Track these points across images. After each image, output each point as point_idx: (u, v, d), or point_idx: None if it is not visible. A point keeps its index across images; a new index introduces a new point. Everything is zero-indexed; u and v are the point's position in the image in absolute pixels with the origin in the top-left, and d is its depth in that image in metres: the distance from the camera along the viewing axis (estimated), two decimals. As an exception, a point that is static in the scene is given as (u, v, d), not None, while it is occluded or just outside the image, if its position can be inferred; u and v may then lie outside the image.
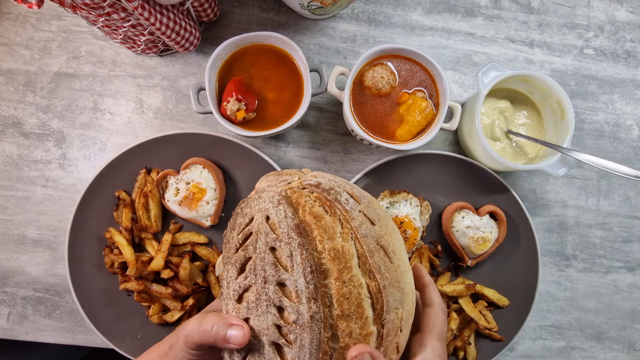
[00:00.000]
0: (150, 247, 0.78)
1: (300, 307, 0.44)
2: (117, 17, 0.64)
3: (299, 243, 0.45)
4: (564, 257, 0.86)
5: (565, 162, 0.74)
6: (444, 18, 0.88)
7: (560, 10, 0.89)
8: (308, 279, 0.44)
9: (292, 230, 0.46)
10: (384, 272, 0.47)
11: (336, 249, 0.46)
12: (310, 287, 0.44)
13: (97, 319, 0.77)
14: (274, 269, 0.45)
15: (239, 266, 0.48)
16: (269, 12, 0.86)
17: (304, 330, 0.43)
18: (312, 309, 0.43)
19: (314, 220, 0.47)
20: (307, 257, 0.45)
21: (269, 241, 0.46)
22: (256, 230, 0.48)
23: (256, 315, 0.45)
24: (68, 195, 0.83)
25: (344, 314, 0.44)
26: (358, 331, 0.44)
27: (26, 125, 0.83)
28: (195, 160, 0.78)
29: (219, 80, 0.75)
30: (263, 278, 0.45)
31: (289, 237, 0.46)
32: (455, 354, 0.79)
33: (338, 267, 0.45)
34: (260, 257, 0.46)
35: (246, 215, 0.50)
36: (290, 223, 0.46)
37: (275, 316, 0.45)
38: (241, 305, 0.47)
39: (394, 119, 0.76)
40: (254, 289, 0.46)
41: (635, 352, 0.86)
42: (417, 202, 0.79)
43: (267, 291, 0.45)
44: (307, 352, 0.43)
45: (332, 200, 0.49)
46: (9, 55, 0.83)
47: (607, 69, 0.89)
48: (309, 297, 0.44)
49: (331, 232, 0.47)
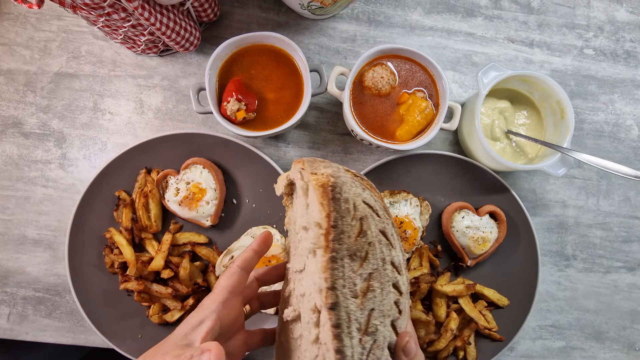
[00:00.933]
0: (151, 247, 0.78)
1: (404, 278, 0.49)
2: (117, 17, 0.64)
3: (392, 223, 0.51)
4: (563, 257, 0.87)
5: (565, 162, 0.74)
6: (444, 18, 0.88)
7: (560, 10, 0.89)
8: (402, 251, 0.51)
9: (385, 212, 0.51)
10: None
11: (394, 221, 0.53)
12: (404, 258, 0.51)
13: (97, 319, 0.77)
14: (388, 249, 0.48)
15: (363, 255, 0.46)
16: (269, 12, 0.86)
17: (406, 297, 0.49)
18: (407, 276, 0.50)
19: (381, 201, 0.53)
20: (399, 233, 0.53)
21: (377, 224, 0.49)
22: (364, 215, 0.47)
23: (381, 300, 0.46)
24: (68, 195, 0.83)
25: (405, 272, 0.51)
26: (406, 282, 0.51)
27: (26, 125, 0.83)
28: (195, 160, 0.78)
29: (219, 80, 0.75)
30: (382, 260, 0.47)
31: (386, 218, 0.50)
32: (455, 354, 0.79)
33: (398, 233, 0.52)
34: (377, 240, 0.48)
35: (348, 200, 0.46)
36: (380, 205, 0.51)
37: (394, 293, 0.48)
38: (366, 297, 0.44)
39: (394, 119, 0.76)
40: (377, 275, 0.46)
41: (635, 352, 0.86)
42: (417, 202, 0.80)
43: (387, 272, 0.47)
44: (406, 316, 0.48)
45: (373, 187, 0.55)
46: (9, 55, 0.84)
47: (607, 69, 0.89)
48: (404, 267, 0.50)
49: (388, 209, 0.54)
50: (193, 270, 0.77)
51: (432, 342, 0.76)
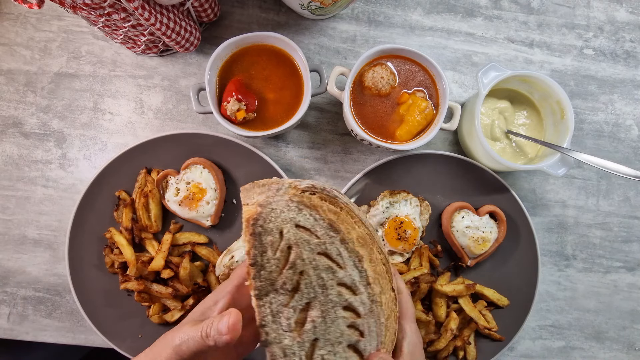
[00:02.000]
0: (151, 247, 0.78)
1: (362, 297, 0.45)
2: (118, 18, 0.65)
3: (340, 239, 0.46)
4: (563, 257, 0.87)
5: (565, 162, 0.74)
6: (443, 18, 0.88)
7: (560, 10, 0.89)
8: (359, 268, 0.46)
9: (329, 230, 0.46)
10: (381, 244, 0.51)
11: (361, 236, 0.48)
12: (363, 275, 0.46)
13: (98, 319, 0.77)
14: (330, 273, 0.45)
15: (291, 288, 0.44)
16: (269, 12, 0.86)
17: (370, 317, 0.45)
18: (370, 293, 0.46)
19: (335, 217, 0.48)
20: (351, 249, 0.47)
21: (314, 247, 0.45)
22: (294, 242, 0.45)
23: (325, 328, 0.44)
24: (68, 195, 0.83)
25: (382, 290, 0.47)
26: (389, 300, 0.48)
27: (26, 126, 0.83)
28: (195, 160, 0.78)
29: (219, 80, 0.75)
30: (322, 286, 0.44)
31: (330, 236, 0.46)
32: (455, 354, 0.79)
33: (367, 251, 0.48)
34: (313, 266, 0.45)
35: (272, 231, 0.46)
36: (322, 224, 0.46)
37: (345, 318, 0.45)
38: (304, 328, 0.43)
39: (394, 119, 0.76)
40: (316, 303, 0.44)
41: (634, 351, 0.86)
42: (417, 202, 0.80)
43: (331, 297, 0.44)
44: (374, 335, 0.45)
45: (332, 197, 0.50)
46: (9, 56, 0.84)
47: (606, 69, 0.89)
48: (365, 284, 0.46)
49: (350, 223, 0.49)
50: (193, 270, 0.77)
51: (432, 342, 0.76)
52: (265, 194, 0.50)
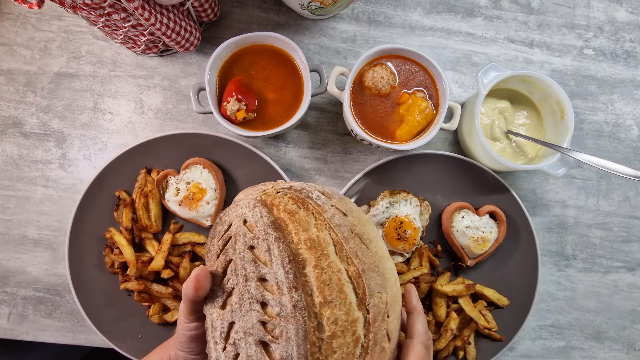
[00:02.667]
0: (151, 247, 0.78)
1: (282, 298, 0.44)
2: (118, 18, 0.65)
3: (275, 237, 0.46)
4: (563, 257, 0.87)
5: (565, 162, 0.74)
6: (443, 18, 0.88)
7: (560, 10, 0.89)
8: (287, 269, 0.44)
9: (268, 227, 0.47)
10: (362, 257, 0.47)
11: (312, 239, 0.46)
12: (289, 277, 0.44)
13: (98, 319, 0.77)
14: (253, 266, 0.46)
15: (221, 271, 0.48)
16: (269, 12, 0.86)
17: (289, 322, 0.43)
18: (294, 297, 0.43)
19: (288, 216, 0.48)
20: (284, 248, 0.45)
21: (247, 240, 0.47)
22: (234, 233, 0.49)
23: (240, 316, 0.45)
24: (68, 195, 0.83)
25: (327, 301, 0.44)
26: (344, 317, 0.44)
27: (26, 126, 0.83)
28: (195, 160, 0.78)
29: (219, 80, 0.75)
30: (244, 277, 0.46)
31: (266, 233, 0.47)
32: (455, 354, 0.79)
33: (315, 256, 0.46)
34: (240, 257, 0.47)
35: (225, 222, 0.51)
36: (266, 221, 0.47)
37: (258, 312, 0.44)
38: (225, 310, 0.46)
39: (394, 119, 0.76)
40: (237, 290, 0.46)
41: (634, 351, 0.86)
42: (417, 202, 0.80)
43: (249, 288, 0.45)
44: (294, 344, 0.42)
45: (304, 198, 0.50)
46: (9, 56, 0.84)
47: (606, 69, 0.89)
48: (289, 287, 0.44)
49: (305, 224, 0.47)
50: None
51: (432, 342, 0.76)
52: (246, 194, 0.54)
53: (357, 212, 0.53)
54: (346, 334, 0.44)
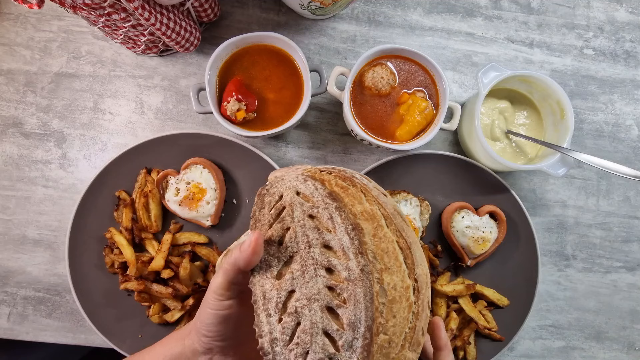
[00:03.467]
0: (151, 247, 0.78)
1: (349, 263, 0.44)
2: (118, 18, 0.65)
3: (336, 207, 0.47)
4: (563, 257, 0.87)
5: (565, 162, 0.74)
6: (443, 18, 0.88)
7: (560, 10, 0.89)
8: (352, 235, 0.45)
9: (326, 198, 0.47)
10: (407, 232, 0.49)
11: (367, 211, 0.48)
12: (355, 243, 0.45)
13: (98, 319, 0.77)
14: (317, 232, 0.46)
15: (277, 240, 0.47)
16: (269, 12, 0.86)
17: (357, 285, 0.44)
18: (360, 262, 0.44)
19: (341, 190, 0.49)
20: (346, 217, 0.46)
21: (306, 209, 0.47)
22: (289, 203, 0.48)
23: (303, 282, 0.45)
24: (68, 195, 0.83)
25: (387, 267, 0.45)
26: (400, 284, 0.46)
27: (27, 126, 0.83)
28: (195, 160, 0.78)
29: (219, 80, 0.75)
30: (307, 243, 0.46)
31: (325, 203, 0.47)
32: (455, 354, 0.79)
33: (373, 226, 0.47)
34: (301, 225, 0.47)
35: (274, 194, 0.50)
36: (322, 192, 0.48)
37: (325, 277, 0.45)
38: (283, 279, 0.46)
39: (394, 119, 0.76)
40: (298, 258, 0.46)
41: (635, 352, 0.86)
42: (417, 202, 0.80)
43: (313, 254, 0.45)
44: (362, 307, 0.43)
45: (350, 177, 0.51)
46: (9, 56, 0.84)
47: (606, 69, 0.89)
48: (355, 252, 0.45)
49: (359, 198, 0.49)
50: (193, 270, 0.77)
51: (432, 342, 0.76)
52: (283, 172, 0.54)
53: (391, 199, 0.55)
54: (402, 299, 0.46)
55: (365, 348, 0.42)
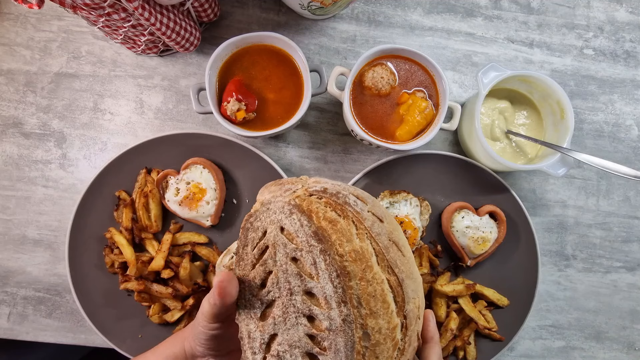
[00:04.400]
0: (151, 247, 0.78)
1: (331, 312, 0.44)
2: (118, 18, 0.65)
3: (320, 249, 0.45)
4: (563, 257, 0.87)
5: (565, 162, 0.74)
6: (443, 18, 0.88)
7: (560, 10, 0.89)
8: (335, 283, 0.44)
9: (311, 238, 0.45)
10: (400, 266, 0.48)
11: (356, 250, 0.46)
12: (338, 291, 0.44)
13: (98, 319, 0.77)
14: (299, 279, 0.45)
15: (259, 282, 0.47)
16: (269, 12, 0.86)
17: (338, 335, 0.43)
18: (343, 312, 0.44)
19: (330, 225, 0.46)
20: (331, 262, 0.44)
21: (289, 252, 0.46)
22: (272, 242, 0.46)
23: (285, 329, 0.45)
24: (68, 195, 0.83)
25: (372, 312, 0.45)
26: (386, 326, 0.45)
27: (27, 126, 0.83)
28: (195, 160, 0.78)
29: (219, 80, 0.75)
30: (288, 290, 0.45)
31: (309, 245, 0.45)
32: (455, 354, 0.79)
33: (360, 267, 0.45)
34: (283, 270, 0.45)
35: (258, 229, 0.48)
36: (307, 231, 0.45)
37: (306, 326, 0.44)
38: (266, 322, 0.46)
39: (394, 119, 0.76)
40: (279, 303, 0.45)
41: (635, 352, 0.86)
42: (417, 202, 0.80)
43: (295, 302, 0.45)
44: (342, 355, 0.43)
45: (342, 204, 0.49)
46: (9, 56, 0.84)
47: (606, 69, 0.89)
48: (338, 301, 0.44)
49: (348, 235, 0.46)
50: (193, 270, 0.77)
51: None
52: (273, 193, 0.51)
53: (389, 216, 0.52)
54: (387, 340, 0.45)
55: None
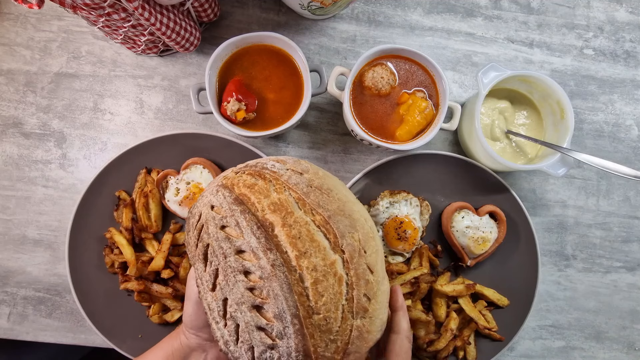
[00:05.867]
0: (151, 247, 0.78)
1: (260, 262, 0.47)
2: (118, 18, 0.65)
3: (240, 210, 0.50)
4: (563, 257, 0.87)
5: (565, 162, 0.74)
6: (443, 18, 0.88)
7: (560, 10, 0.89)
8: (257, 235, 0.48)
9: (232, 204, 0.50)
10: (325, 206, 0.51)
11: (274, 202, 0.50)
12: (261, 241, 0.48)
13: (98, 319, 0.77)
14: (228, 242, 0.49)
15: (202, 257, 0.53)
16: (269, 12, 0.86)
17: (272, 281, 0.46)
18: (270, 258, 0.47)
19: (248, 190, 0.52)
20: (250, 218, 0.49)
21: (217, 222, 0.51)
22: (205, 220, 0.52)
23: (229, 290, 0.49)
24: (68, 195, 0.83)
25: (301, 253, 0.47)
26: (322, 263, 0.47)
27: (27, 126, 0.83)
28: (195, 160, 0.78)
29: (219, 80, 0.75)
30: (223, 255, 0.50)
31: (232, 210, 0.50)
32: (455, 354, 0.79)
33: (281, 216, 0.49)
34: (215, 238, 0.51)
35: (195, 214, 0.55)
36: (229, 200, 0.51)
37: (243, 281, 0.48)
38: (216, 290, 0.51)
39: (394, 119, 0.76)
40: (220, 269, 0.50)
41: (634, 352, 0.86)
42: (417, 202, 0.80)
43: (230, 263, 0.49)
44: (282, 299, 0.46)
45: (259, 170, 0.54)
46: (9, 56, 0.84)
47: (606, 69, 0.89)
48: (264, 250, 0.47)
49: (266, 192, 0.51)
50: (193, 270, 0.77)
51: (432, 342, 0.76)
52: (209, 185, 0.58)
53: (314, 168, 0.56)
54: (328, 276, 0.47)
55: (298, 332, 0.45)
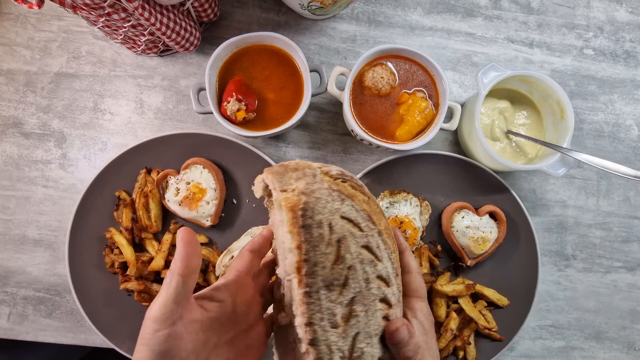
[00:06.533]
0: (151, 247, 0.78)
1: (392, 288, 0.46)
2: (118, 18, 0.65)
3: (377, 232, 0.45)
4: (563, 257, 0.87)
5: (565, 162, 0.74)
6: (443, 18, 0.88)
7: (560, 10, 0.89)
8: (393, 260, 0.46)
9: (369, 222, 0.45)
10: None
11: (386, 226, 0.49)
12: (395, 266, 0.46)
13: (98, 319, 0.77)
14: (372, 266, 0.44)
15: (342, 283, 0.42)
16: (269, 12, 0.86)
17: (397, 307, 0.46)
18: (398, 284, 0.46)
19: (368, 207, 0.47)
20: (383, 240, 0.46)
21: (358, 240, 0.43)
22: (342, 235, 0.43)
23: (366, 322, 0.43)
24: (68, 195, 0.83)
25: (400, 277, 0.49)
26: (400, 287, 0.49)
27: (27, 126, 0.83)
28: (195, 160, 0.78)
29: (219, 80, 0.75)
30: (365, 280, 0.43)
31: (370, 228, 0.45)
32: (455, 354, 0.79)
33: (392, 241, 0.49)
34: (360, 260, 0.43)
35: (322, 223, 0.42)
36: (363, 215, 0.45)
37: (381, 310, 0.44)
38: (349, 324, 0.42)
39: (394, 119, 0.76)
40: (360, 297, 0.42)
41: (634, 352, 0.86)
42: (417, 202, 0.80)
43: (372, 290, 0.43)
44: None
45: (360, 186, 0.50)
46: (9, 56, 0.84)
47: (606, 69, 0.89)
48: (395, 276, 0.46)
49: (378, 213, 0.49)
50: (193, 270, 0.77)
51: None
52: (304, 180, 0.46)
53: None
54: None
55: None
